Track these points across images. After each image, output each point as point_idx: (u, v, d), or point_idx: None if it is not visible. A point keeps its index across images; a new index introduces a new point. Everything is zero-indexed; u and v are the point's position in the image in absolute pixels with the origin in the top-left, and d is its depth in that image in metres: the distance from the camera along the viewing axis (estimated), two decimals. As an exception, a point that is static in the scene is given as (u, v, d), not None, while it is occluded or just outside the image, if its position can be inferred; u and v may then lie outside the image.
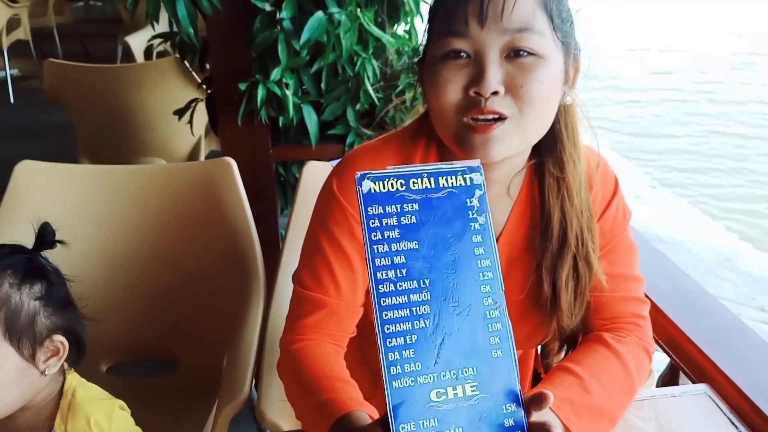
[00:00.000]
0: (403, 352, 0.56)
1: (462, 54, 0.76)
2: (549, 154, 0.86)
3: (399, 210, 0.59)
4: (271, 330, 1.23)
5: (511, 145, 0.78)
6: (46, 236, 0.95)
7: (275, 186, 1.93)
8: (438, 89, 0.77)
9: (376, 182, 0.59)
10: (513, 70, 0.75)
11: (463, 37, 0.75)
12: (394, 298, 0.57)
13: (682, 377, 1.07)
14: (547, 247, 0.88)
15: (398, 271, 0.58)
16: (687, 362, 1.03)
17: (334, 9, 1.54)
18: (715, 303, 1.13)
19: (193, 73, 2.40)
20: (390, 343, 0.56)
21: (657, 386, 1.16)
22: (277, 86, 1.55)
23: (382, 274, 0.58)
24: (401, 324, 0.57)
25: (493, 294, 0.59)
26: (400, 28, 1.92)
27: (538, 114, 0.77)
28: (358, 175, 0.60)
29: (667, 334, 1.07)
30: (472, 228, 0.59)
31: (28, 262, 0.92)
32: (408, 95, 1.82)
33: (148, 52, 3.93)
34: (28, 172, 1.44)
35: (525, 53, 0.75)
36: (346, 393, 0.79)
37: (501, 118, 0.76)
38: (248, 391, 1.11)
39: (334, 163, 1.45)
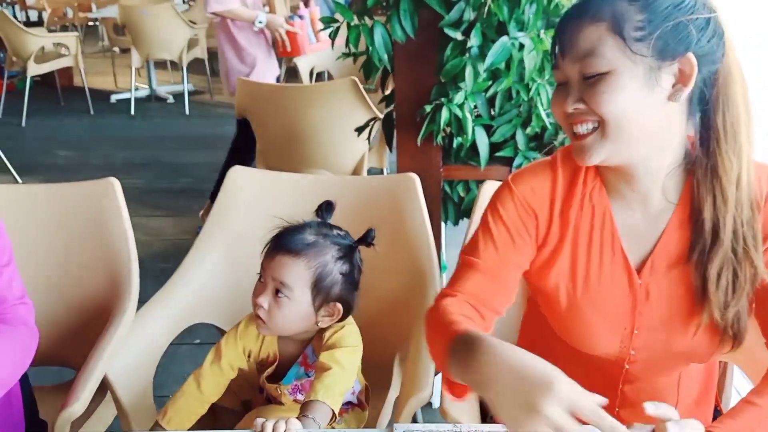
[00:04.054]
0: None
1: (562, 82, 0.92)
2: (704, 149, 0.91)
3: None
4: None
5: (601, 152, 0.90)
6: (368, 237, 1.23)
7: (440, 203, 2.04)
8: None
9: None
10: (587, 90, 0.88)
11: (557, 68, 0.92)
12: None
13: None
14: (698, 241, 0.93)
15: None
16: None
17: (518, 33, 1.63)
18: None
19: (365, 94, 2.59)
20: None
21: None
22: (459, 109, 1.66)
23: None
24: None
25: None
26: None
27: (619, 124, 0.87)
28: None
29: None
30: None
31: (349, 247, 1.20)
32: (579, 122, 1.87)
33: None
34: (238, 176, 1.64)
35: (592, 75, 0.87)
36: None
37: (592, 130, 0.89)
38: (431, 387, 1.20)
39: (512, 183, 1.53)
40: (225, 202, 1.62)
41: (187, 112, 5.53)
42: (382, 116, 2.07)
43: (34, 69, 5.18)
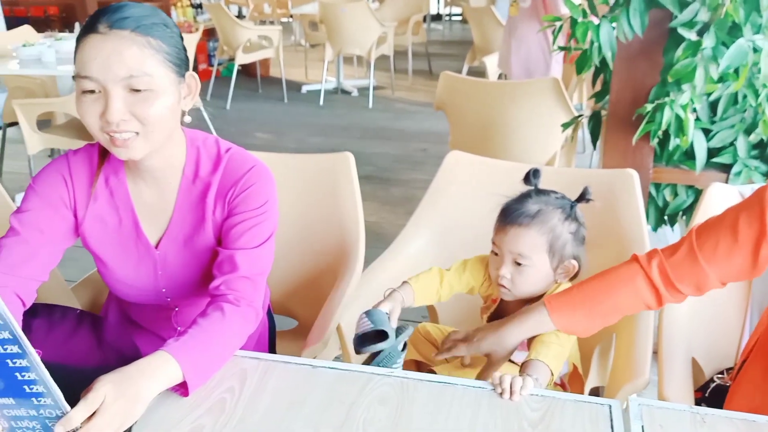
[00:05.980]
0: None
1: None
2: None
3: None
4: (665, 324, 1.34)
5: None
6: (585, 194, 1.28)
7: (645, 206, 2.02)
8: None
9: None
10: None
11: None
12: None
13: None
14: None
15: None
16: None
17: (755, 36, 1.58)
18: None
19: (566, 94, 2.60)
20: None
21: None
22: (682, 110, 1.64)
23: None
24: None
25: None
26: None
27: None
28: None
29: None
30: None
31: (571, 207, 1.27)
32: (814, 132, 1.77)
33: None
34: (455, 160, 1.75)
35: None
36: None
37: None
38: (648, 374, 1.22)
39: (742, 188, 1.49)
40: (442, 181, 1.73)
41: (370, 105, 5.82)
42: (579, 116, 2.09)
43: (241, 58, 5.72)
